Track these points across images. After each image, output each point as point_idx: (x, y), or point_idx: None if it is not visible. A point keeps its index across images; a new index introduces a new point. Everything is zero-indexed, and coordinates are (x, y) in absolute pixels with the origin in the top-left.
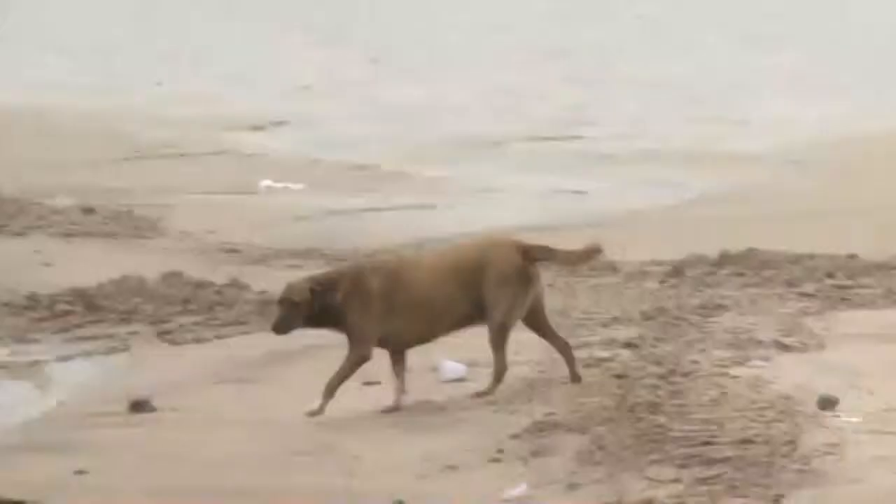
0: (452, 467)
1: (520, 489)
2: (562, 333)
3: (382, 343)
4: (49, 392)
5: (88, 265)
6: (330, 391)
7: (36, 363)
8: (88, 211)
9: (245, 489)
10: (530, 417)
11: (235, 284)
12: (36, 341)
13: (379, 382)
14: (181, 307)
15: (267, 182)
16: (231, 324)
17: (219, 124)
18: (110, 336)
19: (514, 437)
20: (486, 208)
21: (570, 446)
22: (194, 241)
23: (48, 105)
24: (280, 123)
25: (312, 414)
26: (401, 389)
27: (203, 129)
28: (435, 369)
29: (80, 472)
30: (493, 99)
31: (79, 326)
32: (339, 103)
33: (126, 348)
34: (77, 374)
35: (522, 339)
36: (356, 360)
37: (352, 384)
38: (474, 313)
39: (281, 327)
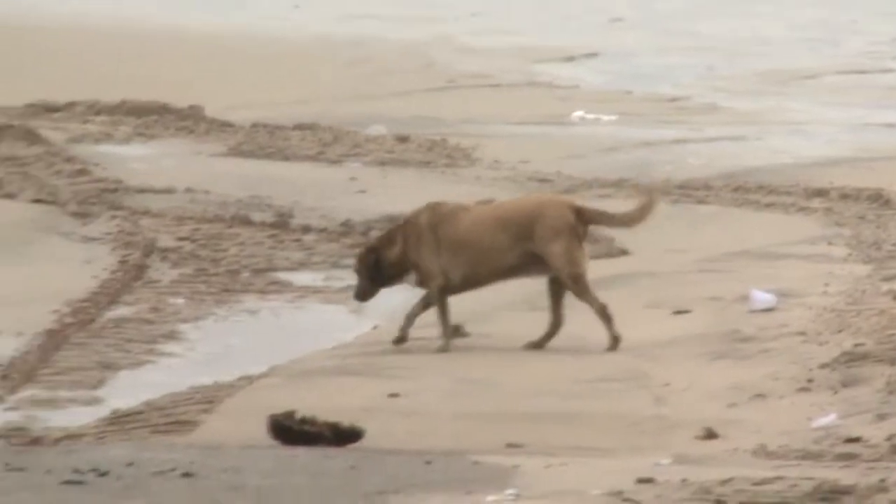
0: (761, 396)
1: (829, 418)
2: (871, 266)
3: None
4: (363, 317)
5: (402, 192)
6: (445, 332)
7: (350, 288)
8: (403, 139)
9: (554, 414)
10: (839, 348)
11: None
12: (350, 267)
13: (690, 311)
14: None
15: (579, 113)
16: None
17: (531, 56)
18: None
19: (824, 366)
20: (795, 140)
21: (880, 377)
22: (507, 170)
23: (364, 36)
24: (592, 55)
25: (396, 342)
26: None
27: (516, 61)
28: (744, 299)
29: (394, 396)
30: (806, 32)
31: None
32: (651, 36)
33: None
34: (390, 299)
35: (835, 272)
36: (439, 296)
37: (661, 312)
38: (521, 265)
39: (360, 294)
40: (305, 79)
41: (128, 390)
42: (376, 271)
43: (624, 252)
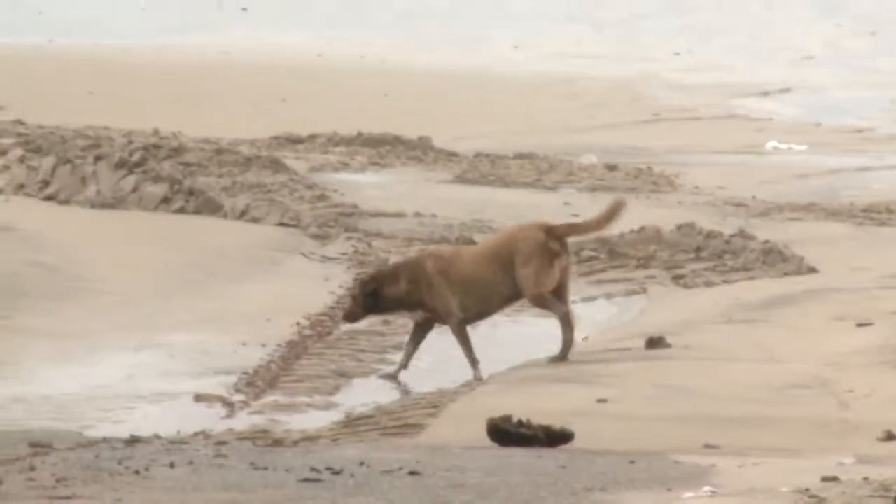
0: None
1: None
2: None
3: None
4: (575, 329)
5: None
6: (471, 360)
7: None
8: (612, 168)
9: (747, 418)
10: None
11: (742, 235)
12: None
13: (872, 323)
14: (693, 254)
15: (773, 143)
16: (738, 270)
17: (729, 91)
18: (629, 280)
19: None
20: None
21: None
22: (706, 196)
23: (576, 74)
24: (785, 90)
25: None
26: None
27: (715, 95)
28: None
29: (602, 401)
30: None
31: (601, 271)
32: (839, 72)
33: (643, 291)
34: (599, 313)
35: None
36: (459, 329)
37: (846, 325)
38: (517, 292)
39: (349, 317)
40: (524, 112)
41: (360, 396)
42: (372, 300)
43: (813, 270)
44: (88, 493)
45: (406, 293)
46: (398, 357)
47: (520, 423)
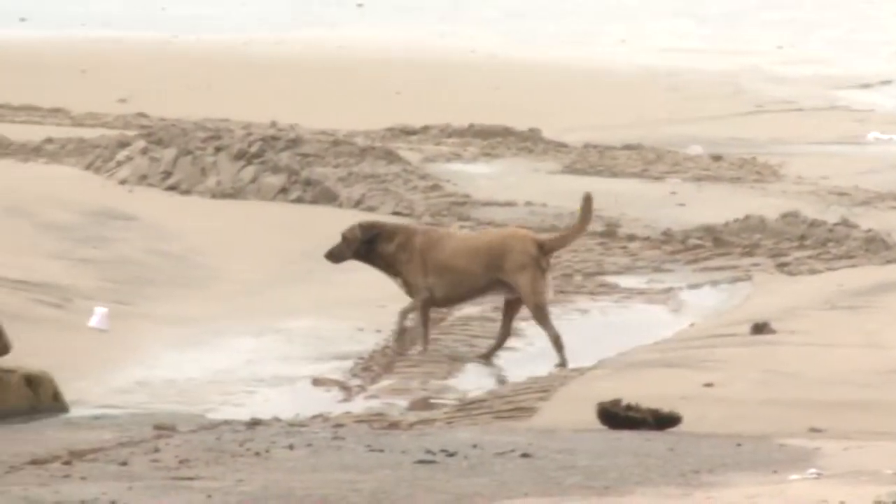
0: None
1: None
2: None
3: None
4: (681, 315)
5: (716, 205)
6: (423, 338)
7: (670, 290)
8: (717, 158)
9: (852, 402)
10: None
11: (845, 223)
12: (670, 271)
13: None
14: (797, 242)
15: (874, 133)
16: (841, 257)
17: (830, 83)
18: (734, 267)
19: None
20: None
21: None
22: (809, 185)
23: (681, 67)
24: (886, 82)
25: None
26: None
27: (816, 87)
28: None
29: (708, 385)
30: None
31: (707, 259)
32: None
33: (748, 278)
34: (705, 300)
35: None
36: (422, 306)
37: None
38: (488, 289)
39: (332, 256)
40: (631, 104)
41: (473, 380)
42: (366, 247)
43: None
44: (210, 473)
45: (391, 255)
46: (510, 342)
47: (629, 406)
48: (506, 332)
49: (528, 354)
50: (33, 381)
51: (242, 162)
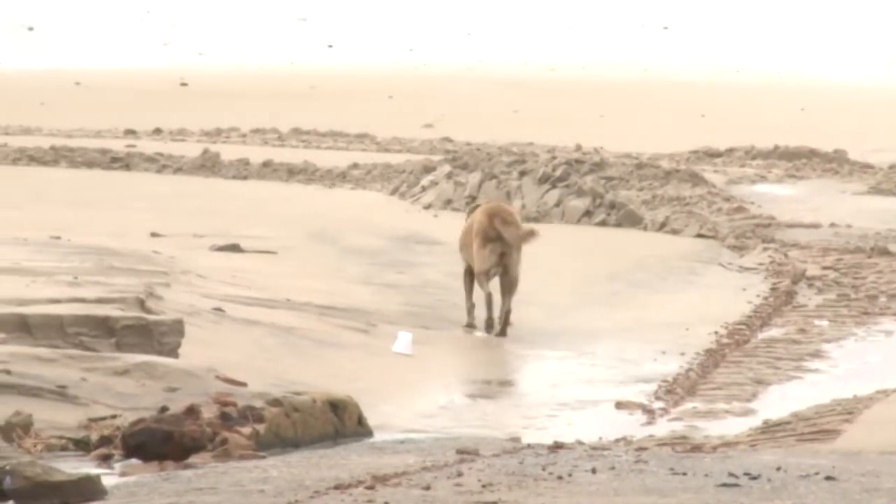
0: None
1: None
2: None
3: None
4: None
5: None
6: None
7: None
8: None
9: None
10: None
11: None
12: None
13: None
14: None
15: None
16: None
17: None
18: None
19: None
20: None
21: None
22: None
23: None
24: None
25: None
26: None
27: None
28: None
29: None
30: None
31: None
32: None
33: None
34: None
35: None
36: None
37: None
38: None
39: None
40: None
41: (777, 403)
42: None
43: None
44: (513, 497)
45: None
46: (814, 364)
47: None
48: (504, 307)
49: (832, 376)
50: (338, 407)
51: (547, 185)
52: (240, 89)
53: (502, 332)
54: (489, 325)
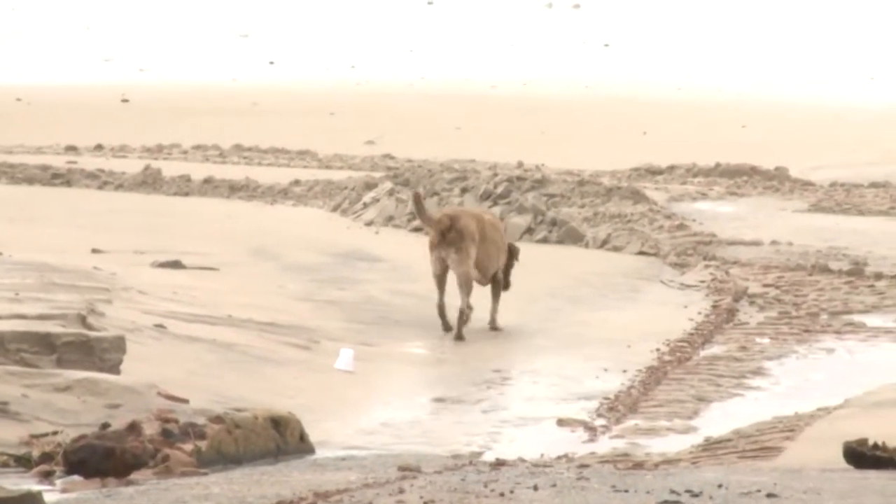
0: None
1: None
2: None
3: None
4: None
5: None
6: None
7: None
8: None
9: None
10: None
11: None
12: None
13: None
14: None
15: None
16: None
17: None
18: None
19: None
20: None
21: None
22: None
23: None
24: None
25: None
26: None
27: None
28: None
29: None
30: None
31: None
32: None
33: None
34: None
35: None
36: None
37: None
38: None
39: None
40: (878, 141)
41: (719, 420)
42: None
43: None
44: None
45: None
46: (756, 381)
47: (875, 446)
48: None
49: (773, 394)
50: (280, 423)
51: (488, 202)
52: (181, 105)
53: (458, 336)
54: (445, 328)
